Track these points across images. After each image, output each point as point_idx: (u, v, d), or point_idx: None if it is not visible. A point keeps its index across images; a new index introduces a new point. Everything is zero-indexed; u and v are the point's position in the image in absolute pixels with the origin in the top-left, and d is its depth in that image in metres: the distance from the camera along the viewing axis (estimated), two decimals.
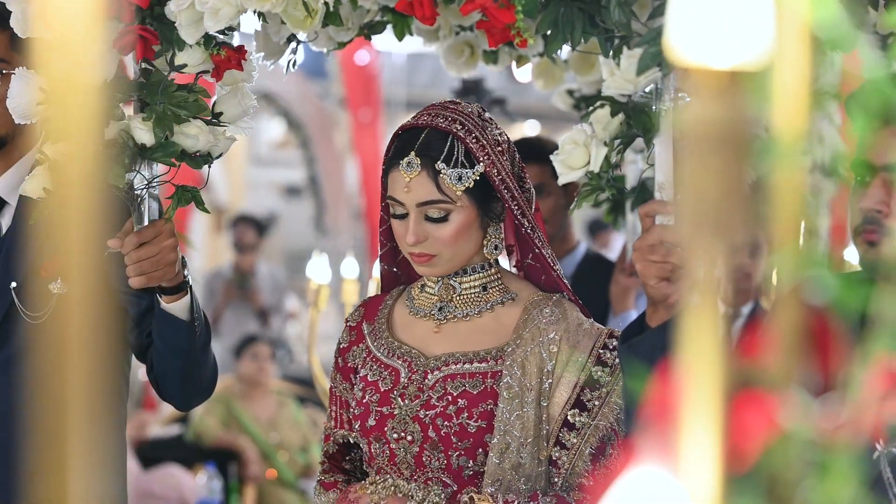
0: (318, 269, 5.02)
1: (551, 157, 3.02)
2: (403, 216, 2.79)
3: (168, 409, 8.09)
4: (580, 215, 4.45)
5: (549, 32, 2.89)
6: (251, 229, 10.49)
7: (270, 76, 12.91)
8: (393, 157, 2.81)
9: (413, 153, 2.77)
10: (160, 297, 2.94)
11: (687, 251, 0.88)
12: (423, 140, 2.78)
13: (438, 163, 2.75)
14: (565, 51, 3.83)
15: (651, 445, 0.90)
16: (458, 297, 2.87)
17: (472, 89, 5.34)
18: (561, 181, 2.97)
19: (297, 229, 15.14)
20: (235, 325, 9.93)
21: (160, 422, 8.00)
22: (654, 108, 2.86)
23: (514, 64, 3.87)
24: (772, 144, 0.94)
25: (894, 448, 2.19)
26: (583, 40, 2.86)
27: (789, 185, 0.95)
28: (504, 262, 2.97)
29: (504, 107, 5.64)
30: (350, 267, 5.14)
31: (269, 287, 10.39)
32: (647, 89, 2.88)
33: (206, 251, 15.83)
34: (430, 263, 2.80)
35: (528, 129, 13.65)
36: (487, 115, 2.90)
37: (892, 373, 1.05)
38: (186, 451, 7.40)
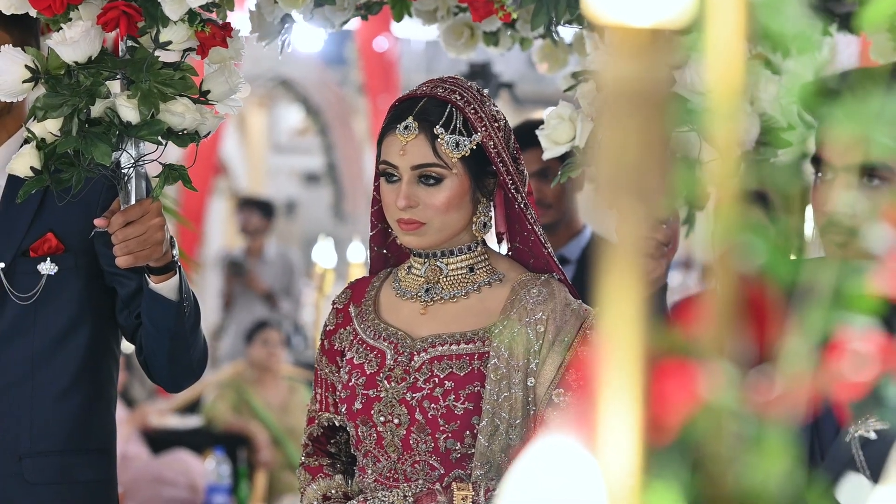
0: (323, 254, 5.00)
1: (536, 132, 2.99)
2: (395, 180, 2.77)
3: (181, 396, 8.10)
4: (584, 198, 4.42)
5: (532, 7, 2.86)
6: (256, 213, 10.47)
7: (289, 63, 12.92)
8: (389, 123, 2.80)
9: (411, 118, 2.76)
10: (148, 277, 2.92)
11: (607, 214, 0.85)
12: (421, 106, 2.77)
13: (437, 127, 2.74)
14: (569, 33, 3.79)
15: (572, 415, 0.86)
16: (444, 279, 2.84)
17: (478, 73, 5.29)
18: (545, 156, 2.93)
19: (316, 216, 15.14)
20: (242, 308, 9.93)
21: (173, 408, 8.00)
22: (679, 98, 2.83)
23: (531, 50, 3.83)
24: (706, 104, 0.90)
25: (863, 431, 2.18)
26: (568, 14, 2.83)
27: (724, 146, 0.91)
28: (496, 248, 2.94)
29: (513, 91, 5.59)
30: (357, 251, 5.11)
31: (277, 270, 10.36)
32: None
33: (226, 238, 15.86)
34: (417, 232, 2.77)
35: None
36: (486, 92, 2.88)
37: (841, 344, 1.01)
38: (197, 437, 7.40)
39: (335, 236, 9.85)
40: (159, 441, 7.25)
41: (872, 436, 2.18)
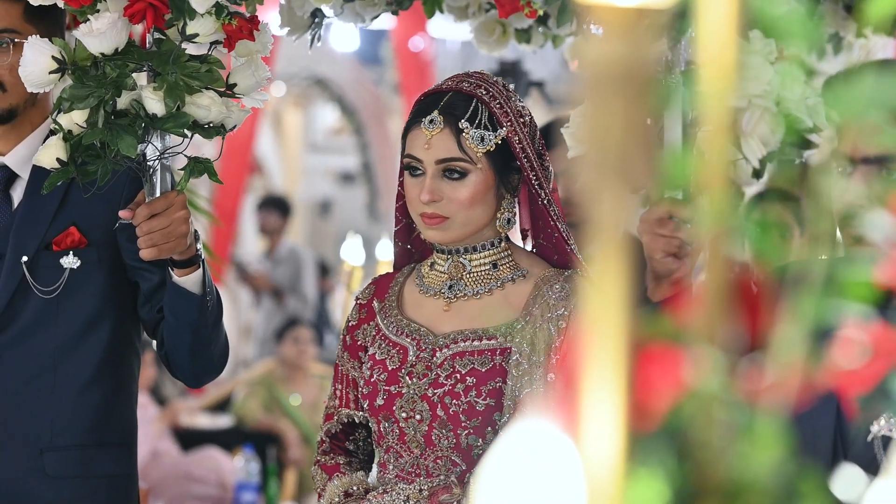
0: (352, 251, 5.00)
1: (562, 129, 2.97)
2: (419, 174, 2.76)
3: (212, 394, 8.13)
4: None
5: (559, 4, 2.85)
6: (275, 213, 10.51)
7: (325, 62, 12.94)
8: (414, 117, 2.80)
9: (436, 111, 2.76)
10: (172, 270, 2.92)
11: (590, 196, 0.84)
12: (447, 100, 2.77)
13: (462, 121, 2.74)
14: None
15: (553, 398, 0.86)
16: (468, 275, 2.83)
17: (508, 71, 5.28)
18: (570, 154, 2.93)
19: (351, 215, 15.15)
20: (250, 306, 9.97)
21: (203, 407, 8.02)
22: (664, 79, 2.82)
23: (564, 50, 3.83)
24: (698, 84, 0.89)
25: (886, 431, 2.15)
26: None
27: (716, 128, 0.90)
28: (520, 244, 2.93)
29: (543, 90, 5.57)
30: (385, 248, 5.11)
31: (287, 268, 10.40)
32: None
33: (259, 236, 15.87)
34: (440, 226, 2.76)
35: None
36: (512, 87, 2.88)
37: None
38: (227, 434, 7.42)
39: (369, 236, 9.86)
40: (189, 438, 7.27)
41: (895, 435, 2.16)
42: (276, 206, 10.68)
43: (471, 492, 2.69)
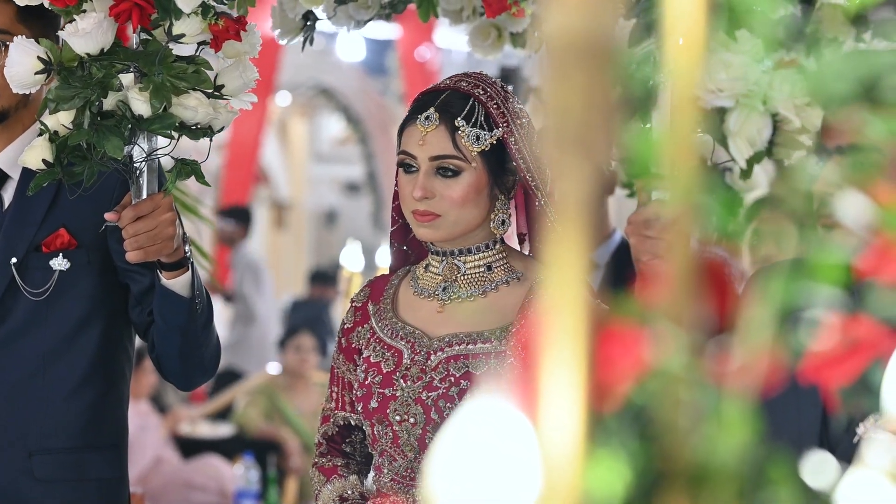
0: (351, 257, 4.99)
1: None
2: (413, 171, 2.75)
3: (213, 403, 8.12)
4: (613, 202, 4.39)
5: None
6: (230, 222, 10.59)
7: (331, 72, 12.96)
8: (411, 114, 2.79)
9: (433, 109, 2.75)
10: (160, 273, 2.90)
11: (553, 171, 0.82)
12: (444, 98, 2.77)
13: (458, 119, 2.73)
14: None
15: (516, 379, 0.83)
16: (462, 277, 2.81)
17: (508, 77, 5.27)
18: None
19: (357, 225, 15.16)
20: None
21: (204, 415, 8.01)
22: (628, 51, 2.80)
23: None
24: (666, 61, 0.87)
25: (872, 432, 2.13)
26: None
27: (682, 104, 0.88)
28: (517, 247, 2.91)
29: (542, 95, 5.55)
30: (385, 255, 5.09)
31: (239, 276, 10.49)
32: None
33: (266, 246, 15.89)
34: (432, 224, 2.75)
35: None
36: (511, 88, 2.87)
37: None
38: (227, 442, 7.41)
39: (373, 245, 9.85)
40: (190, 446, 7.26)
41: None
42: (233, 216, 10.75)
43: (424, 471, 2.67)
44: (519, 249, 2.90)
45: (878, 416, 2.12)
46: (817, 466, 0.95)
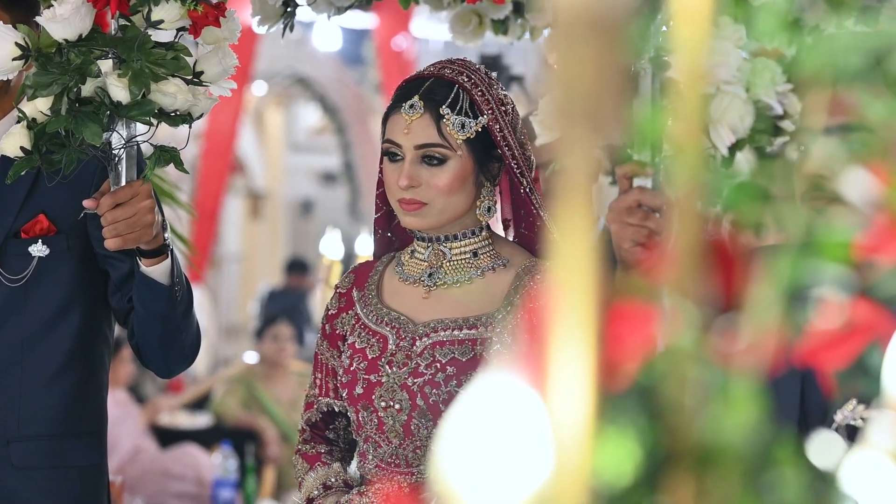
0: (331, 245, 4.97)
1: (530, 117, 2.95)
2: (398, 160, 2.74)
3: (191, 392, 8.10)
4: (594, 189, 4.38)
5: None
6: None
7: (307, 61, 12.92)
8: (395, 102, 2.78)
9: (417, 97, 2.74)
10: (140, 260, 2.88)
11: (560, 144, 0.80)
12: (428, 86, 2.75)
13: (443, 107, 2.72)
14: None
15: (525, 358, 0.82)
16: (447, 263, 2.80)
17: (490, 65, 5.24)
18: (538, 142, 2.90)
19: (333, 215, 15.14)
20: None
21: (183, 404, 7.99)
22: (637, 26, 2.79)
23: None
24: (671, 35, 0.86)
25: (851, 420, 2.11)
26: None
27: (689, 78, 0.86)
28: (502, 234, 2.91)
29: (523, 84, 5.54)
30: (365, 243, 5.08)
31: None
32: None
33: (242, 236, 15.86)
34: (418, 213, 2.74)
35: None
36: (494, 75, 2.86)
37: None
38: (206, 432, 7.39)
39: (350, 235, 9.83)
40: (168, 435, 7.25)
41: (860, 423, 2.12)
42: None
43: (433, 449, 2.66)
44: (503, 236, 2.89)
45: (857, 403, 2.11)
46: (824, 446, 0.94)
